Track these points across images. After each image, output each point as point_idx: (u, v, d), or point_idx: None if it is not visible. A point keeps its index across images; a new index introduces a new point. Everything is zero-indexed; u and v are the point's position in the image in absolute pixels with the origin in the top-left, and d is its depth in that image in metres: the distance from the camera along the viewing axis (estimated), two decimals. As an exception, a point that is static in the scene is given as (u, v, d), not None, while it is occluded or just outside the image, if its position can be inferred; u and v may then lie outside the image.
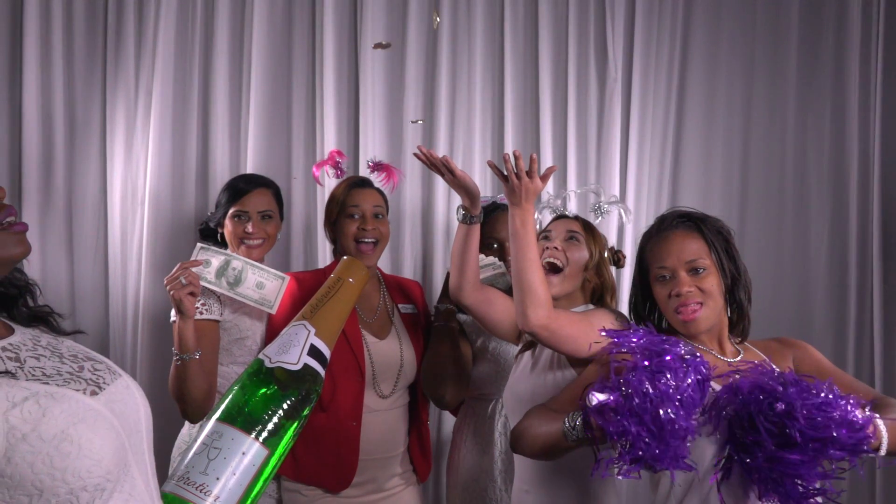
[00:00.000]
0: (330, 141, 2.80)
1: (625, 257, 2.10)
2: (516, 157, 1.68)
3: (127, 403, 1.10)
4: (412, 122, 2.81)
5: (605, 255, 2.01)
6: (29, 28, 2.68)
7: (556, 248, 1.94)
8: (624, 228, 2.93)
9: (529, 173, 1.69)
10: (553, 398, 1.76)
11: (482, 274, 2.14)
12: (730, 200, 3.08)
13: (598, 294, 2.03)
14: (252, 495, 1.44)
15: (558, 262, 1.94)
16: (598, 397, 1.47)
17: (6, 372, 0.99)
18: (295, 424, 1.56)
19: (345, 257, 2.05)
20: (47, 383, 1.02)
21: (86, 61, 2.75)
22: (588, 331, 1.71)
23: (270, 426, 1.49)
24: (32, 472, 0.95)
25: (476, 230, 1.93)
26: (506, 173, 1.70)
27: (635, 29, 3.00)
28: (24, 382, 0.99)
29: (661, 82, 3.04)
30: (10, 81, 2.71)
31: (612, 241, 2.87)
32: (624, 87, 3.00)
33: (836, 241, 3.04)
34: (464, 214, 1.93)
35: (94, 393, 1.05)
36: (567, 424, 1.53)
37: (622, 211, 2.15)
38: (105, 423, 1.03)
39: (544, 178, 1.71)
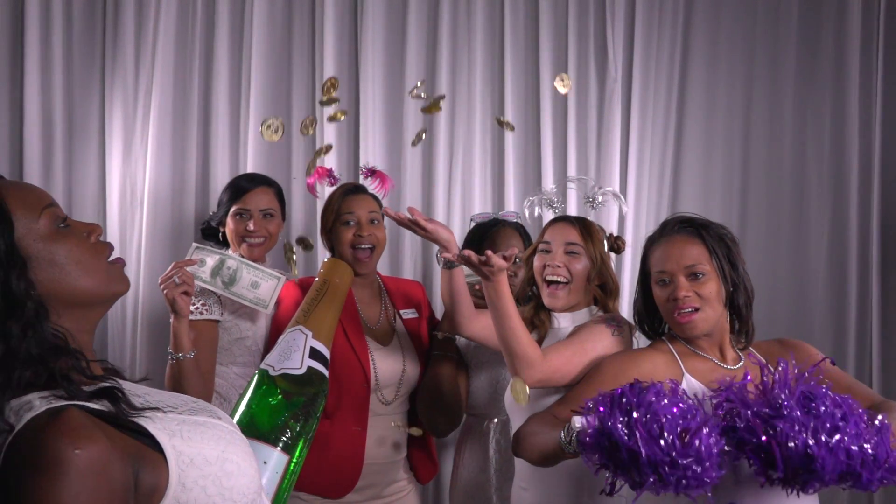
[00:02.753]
0: (330, 141, 2.80)
1: (624, 243, 2.08)
2: (467, 256, 1.70)
3: (237, 429, 1.13)
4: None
5: (605, 251, 2.00)
6: (30, 29, 2.68)
7: (557, 265, 1.94)
8: (625, 220, 2.92)
9: (489, 261, 1.69)
10: (556, 403, 1.76)
11: (469, 277, 2.15)
12: (730, 200, 3.07)
13: (602, 293, 2.02)
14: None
15: (562, 279, 1.94)
16: (579, 422, 1.46)
17: (154, 408, 1.00)
18: (309, 427, 1.59)
19: (326, 259, 2.05)
20: (182, 413, 1.03)
21: (86, 62, 2.76)
22: (584, 359, 1.78)
23: (286, 432, 1.51)
24: (206, 495, 0.97)
25: (458, 272, 1.92)
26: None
27: (635, 29, 3.00)
28: (171, 415, 1.00)
29: (661, 82, 3.03)
30: (10, 82, 2.71)
31: (613, 231, 2.85)
32: (624, 87, 2.99)
33: (837, 241, 3.03)
34: (444, 261, 1.91)
35: (218, 419, 1.07)
36: (563, 438, 1.51)
37: (617, 199, 2.14)
38: (243, 443, 1.06)
39: (508, 259, 1.71)
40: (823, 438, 1.37)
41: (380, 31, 2.87)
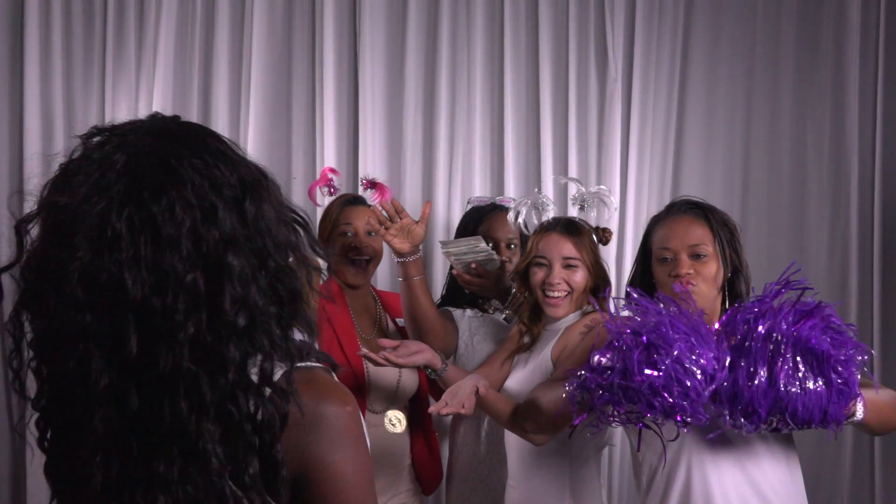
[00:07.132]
0: (330, 141, 2.81)
1: (611, 233, 2.08)
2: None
3: None
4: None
5: (598, 251, 2.00)
6: (30, 29, 2.68)
7: (557, 283, 1.94)
8: (625, 220, 2.92)
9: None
10: (554, 374, 1.81)
11: (467, 256, 2.15)
12: (731, 201, 3.06)
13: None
14: None
15: (563, 294, 1.95)
16: (597, 358, 1.55)
17: None
18: None
19: None
20: None
21: (86, 62, 2.76)
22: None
23: None
24: None
25: (451, 374, 1.91)
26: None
27: (635, 29, 3.00)
28: None
29: (661, 82, 3.03)
30: (10, 82, 2.71)
31: (614, 233, 2.83)
32: (624, 87, 2.99)
33: (837, 241, 3.03)
34: (430, 372, 1.92)
35: None
36: (570, 386, 1.58)
37: (606, 201, 2.13)
38: None
39: (481, 388, 1.80)
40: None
41: (380, 30, 2.87)
